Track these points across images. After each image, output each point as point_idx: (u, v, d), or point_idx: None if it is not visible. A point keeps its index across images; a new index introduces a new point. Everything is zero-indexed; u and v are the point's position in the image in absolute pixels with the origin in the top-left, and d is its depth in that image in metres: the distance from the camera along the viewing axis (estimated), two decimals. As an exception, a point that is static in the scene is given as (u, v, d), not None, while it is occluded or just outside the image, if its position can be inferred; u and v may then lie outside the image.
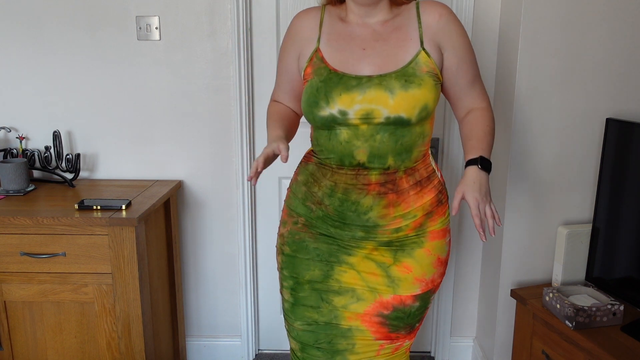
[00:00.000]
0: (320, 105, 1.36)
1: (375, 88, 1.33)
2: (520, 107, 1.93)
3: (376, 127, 1.35)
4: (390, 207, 1.40)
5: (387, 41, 1.39)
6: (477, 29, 2.12)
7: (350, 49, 1.40)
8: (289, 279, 1.51)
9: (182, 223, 2.34)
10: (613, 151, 1.79)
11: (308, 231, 1.48)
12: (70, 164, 2.15)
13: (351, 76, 1.36)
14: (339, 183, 1.42)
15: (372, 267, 1.45)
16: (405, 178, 1.41)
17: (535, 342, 1.89)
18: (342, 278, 1.46)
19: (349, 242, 1.45)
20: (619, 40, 1.88)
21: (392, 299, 1.46)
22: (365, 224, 1.41)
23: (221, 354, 2.46)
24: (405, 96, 1.33)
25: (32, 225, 1.79)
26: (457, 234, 2.32)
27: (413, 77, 1.34)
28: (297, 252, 1.49)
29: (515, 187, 2.00)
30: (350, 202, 1.41)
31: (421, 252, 1.45)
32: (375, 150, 1.37)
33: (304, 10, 1.51)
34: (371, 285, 1.46)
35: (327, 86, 1.36)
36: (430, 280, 1.48)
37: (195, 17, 2.15)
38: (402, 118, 1.34)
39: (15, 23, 2.16)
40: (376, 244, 1.44)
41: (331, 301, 1.47)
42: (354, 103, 1.34)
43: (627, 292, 1.74)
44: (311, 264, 1.47)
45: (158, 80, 2.20)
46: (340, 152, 1.40)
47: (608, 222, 1.82)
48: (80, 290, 1.85)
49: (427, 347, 2.51)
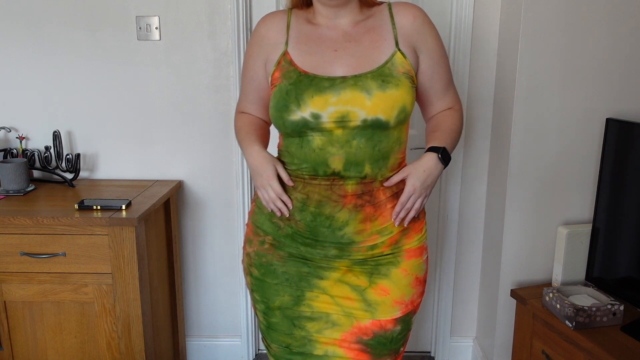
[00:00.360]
0: (290, 109, 1.27)
1: (350, 89, 1.26)
2: (520, 107, 1.93)
3: (352, 132, 1.27)
4: (367, 221, 1.32)
5: (359, 42, 1.33)
6: (477, 29, 2.12)
7: (320, 51, 1.33)
8: (260, 302, 1.43)
9: (182, 223, 2.34)
10: (613, 151, 1.79)
11: (275, 252, 1.38)
12: (70, 164, 2.15)
13: (323, 77, 1.28)
14: (312, 195, 1.32)
15: (347, 291, 1.37)
16: (382, 189, 1.33)
17: (535, 342, 1.89)
18: (314, 303, 1.37)
19: (320, 262, 1.36)
20: (619, 40, 1.88)
21: (371, 324, 1.37)
22: (339, 240, 1.32)
23: (221, 354, 2.46)
24: (383, 97, 1.25)
25: (32, 225, 1.79)
26: (457, 233, 2.32)
27: (390, 77, 1.28)
28: (265, 276, 1.39)
29: (515, 187, 2.00)
30: (324, 217, 1.31)
31: (397, 272, 1.37)
32: (352, 157, 1.28)
33: (269, 14, 1.44)
34: (347, 310, 1.37)
35: (298, 88, 1.27)
36: (410, 301, 1.40)
37: (195, 17, 2.15)
38: (381, 120, 1.26)
39: (16, 23, 2.16)
40: (350, 262, 1.35)
41: (304, 327, 1.38)
42: (327, 105, 1.25)
43: (627, 292, 1.74)
44: (280, 289, 1.38)
45: (158, 80, 2.20)
46: (314, 160, 1.30)
47: (608, 222, 1.82)
48: (80, 290, 1.85)
49: (427, 347, 2.51)
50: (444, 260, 2.35)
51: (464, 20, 2.11)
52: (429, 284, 2.43)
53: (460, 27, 2.12)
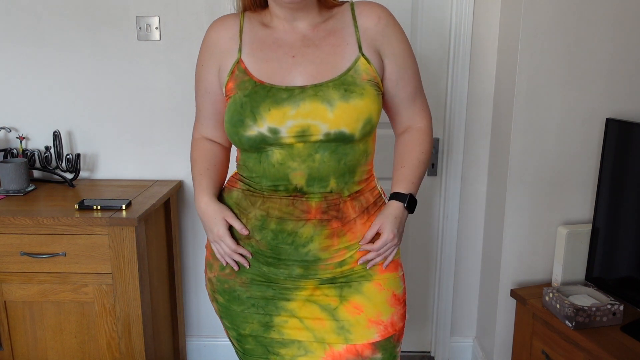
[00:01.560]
0: (246, 124, 1.16)
1: (310, 100, 1.14)
2: (520, 107, 1.93)
3: (314, 145, 1.16)
4: (334, 237, 1.22)
5: (319, 47, 1.21)
6: (477, 29, 2.12)
7: (277, 57, 1.21)
8: (231, 329, 1.34)
9: (182, 223, 2.34)
10: (613, 151, 1.79)
11: (237, 277, 1.28)
12: (70, 164, 2.15)
13: (281, 88, 1.17)
14: (272, 212, 1.21)
15: (316, 312, 1.25)
16: (351, 204, 1.23)
17: (535, 342, 1.89)
18: (284, 330, 1.27)
19: (284, 282, 1.25)
20: (619, 40, 1.88)
21: (345, 351, 1.25)
22: (304, 258, 1.21)
23: (221, 354, 2.46)
24: (347, 108, 1.14)
25: (32, 225, 1.79)
26: (456, 233, 2.32)
27: (353, 85, 1.16)
28: (230, 303, 1.30)
29: (515, 187, 2.00)
30: (286, 234, 1.20)
31: (370, 286, 1.25)
32: (315, 172, 1.18)
33: (220, 19, 1.32)
34: (318, 335, 1.26)
35: (253, 101, 1.16)
36: (390, 322, 1.26)
37: (195, 17, 2.15)
38: (345, 134, 1.15)
39: (16, 23, 2.16)
40: (317, 282, 1.25)
41: (278, 352, 1.29)
42: (286, 119, 1.14)
43: (627, 292, 1.74)
44: (248, 316, 1.28)
45: (158, 80, 2.20)
46: (273, 175, 1.19)
47: (608, 222, 1.82)
48: (81, 290, 1.85)
49: (427, 347, 2.51)
50: (444, 260, 2.35)
51: (464, 20, 2.11)
52: (429, 284, 2.43)
53: (460, 27, 2.12)
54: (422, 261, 2.41)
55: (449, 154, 2.25)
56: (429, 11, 2.16)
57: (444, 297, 2.39)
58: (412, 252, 2.40)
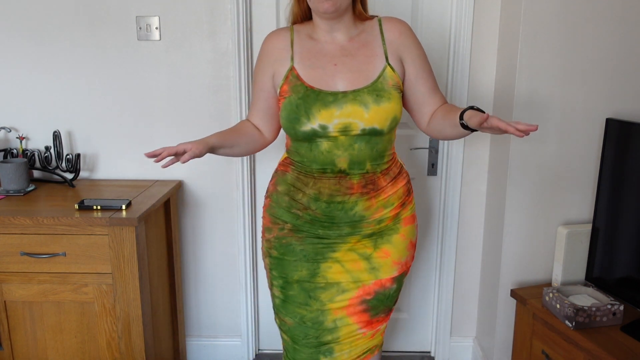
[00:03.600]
0: (301, 121, 1.48)
1: (350, 103, 1.46)
2: (520, 107, 1.93)
3: (353, 138, 1.49)
4: (372, 199, 1.56)
5: (355, 57, 1.52)
6: (477, 29, 2.12)
7: (322, 65, 1.52)
8: (278, 278, 1.63)
9: (182, 223, 2.34)
10: (613, 151, 1.79)
11: (294, 235, 1.59)
12: (70, 164, 2.15)
13: (327, 92, 1.48)
14: (323, 190, 1.54)
15: (355, 257, 1.59)
16: (383, 177, 1.57)
17: (535, 342, 1.89)
18: (328, 274, 1.58)
19: (335, 239, 1.57)
20: (619, 40, 1.89)
21: (373, 284, 1.61)
22: (352, 219, 1.55)
23: (221, 354, 2.46)
24: (378, 110, 1.47)
25: (32, 225, 1.79)
26: (457, 233, 2.32)
27: (382, 91, 1.48)
28: (284, 255, 1.60)
29: (515, 187, 2.00)
30: (337, 203, 1.54)
31: (397, 237, 1.61)
32: (355, 158, 1.51)
33: (274, 32, 1.63)
34: (354, 275, 1.59)
35: (306, 103, 1.47)
36: (405, 262, 1.65)
37: (195, 17, 2.15)
38: (376, 129, 1.48)
39: (16, 23, 2.16)
40: (360, 237, 1.58)
41: (318, 297, 1.59)
42: (333, 118, 1.46)
43: (627, 292, 1.74)
44: (298, 265, 1.59)
45: (158, 80, 2.20)
46: (322, 161, 1.52)
47: (608, 222, 1.82)
48: (80, 290, 1.86)
49: (427, 347, 2.51)
50: (444, 260, 2.35)
51: (464, 20, 2.11)
52: (429, 284, 2.44)
53: (460, 27, 2.12)
54: (422, 261, 2.41)
55: (449, 154, 2.25)
56: (429, 11, 2.17)
57: (444, 297, 2.39)
58: (412, 252, 2.41)
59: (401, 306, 2.47)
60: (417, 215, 2.33)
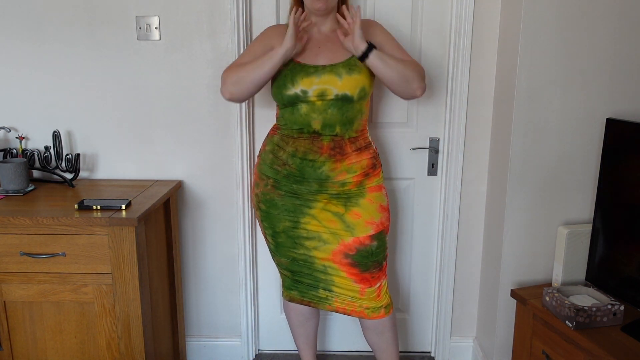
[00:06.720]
0: (287, 87, 1.80)
1: (328, 74, 1.79)
2: (520, 107, 1.93)
3: (328, 103, 1.79)
4: (337, 162, 1.84)
5: (334, 43, 1.86)
6: (477, 29, 2.12)
7: (309, 47, 1.86)
8: (268, 228, 1.95)
9: (182, 223, 2.34)
10: (613, 151, 1.79)
11: (276, 191, 1.90)
12: (70, 164, 2.15)
13: (310, 65, 1.81)
14: (299, 148, 1.84)
15: (330, 216, 1.88)
16: (349, 145, 1.85)
17: (535, 342, 1.89)
18: (308, 227, 1.89)
19: (307, 195, 1.87)
20: (619, 40, 1.88)
21: (352, 241, 1.87)
22: (319, 177, 1.84)
23: (221, 354, 2.46)
24: (350, 79, 1.78)
25: (32, 225, 1.79)
26: (457, 233, 2.32)
27: (354, 66, 1.80)
28: (270, 209, 1.92)
29: (515, 187, 2.00)
30: (308, 160, 1.84)
31: (364, 201, 1.87)
32: (327, 121, 1.81)
33: (274, 25, 1.99)
34: (332, 230, 1.87)
35: (293, 73, 1.80)
36: (380, 222, 1.89)
37: (195, 17, 2.15)
38: (347, 95, 1.79)
39: (16, 23, 2.16)
40: (328, 196, 1.87)
41: (303, 244, 1.91)
42: (312, 84, 1.78)
43: (627, 292, 1.74)
44: (282, 217, 1.90)
45: (158, 80, 2.20)
46: (301, 122, 1.83)
47: (608, 222, 1.82)
48: (80, 290, 1.85)
49: (427, 347, 2.51)
50: (444, 261, 2.35)
51: (464, 20, 2.11)
52: (429, 284, 2.43)
53: (460, 27, 2.12)
54: (422, 261, 2.41)
55: (449, 154, 2.25)
56: (429, 11, 2.16)
57: (444, 297, 2.39)
58: (412, 252, 2.41)
59: (401, 306, 2.47)
60: (417, 215, 2.36)
